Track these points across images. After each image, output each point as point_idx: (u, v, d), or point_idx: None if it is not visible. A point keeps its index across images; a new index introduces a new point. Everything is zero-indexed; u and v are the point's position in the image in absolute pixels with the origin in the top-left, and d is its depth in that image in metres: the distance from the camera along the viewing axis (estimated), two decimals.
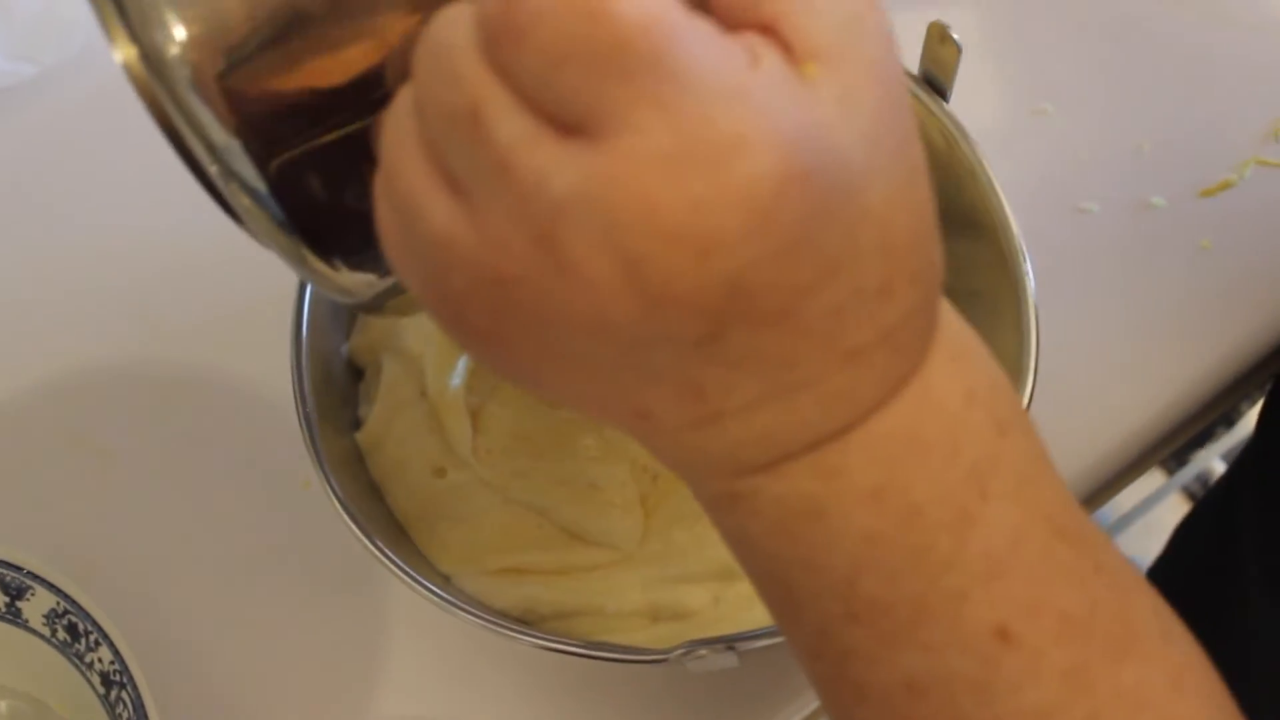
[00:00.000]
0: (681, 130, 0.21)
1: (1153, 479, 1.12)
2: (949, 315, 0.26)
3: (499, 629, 0.42)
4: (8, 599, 0.49)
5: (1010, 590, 0.25)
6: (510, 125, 0.22)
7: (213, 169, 0.27)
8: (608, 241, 0.21)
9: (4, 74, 0.60)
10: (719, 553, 0.46)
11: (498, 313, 0.23)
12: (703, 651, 0.40)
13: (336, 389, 0.50)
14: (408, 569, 0.43)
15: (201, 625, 0.52)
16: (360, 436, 0.49)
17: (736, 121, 0.21)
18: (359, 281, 0.30)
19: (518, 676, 0.50)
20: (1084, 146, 0.59)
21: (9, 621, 0.49)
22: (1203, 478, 1.17)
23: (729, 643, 0.40)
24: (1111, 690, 0.26)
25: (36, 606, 0.48)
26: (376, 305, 0.31)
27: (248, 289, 0.57)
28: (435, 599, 0.43)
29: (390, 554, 0.43)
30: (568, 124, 0.22)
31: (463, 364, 0.49)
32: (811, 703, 0.49)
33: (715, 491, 0.26)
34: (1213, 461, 1.15)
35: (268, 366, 0.52)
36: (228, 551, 0.53)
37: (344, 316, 0.51)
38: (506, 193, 0.22)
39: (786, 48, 0.22)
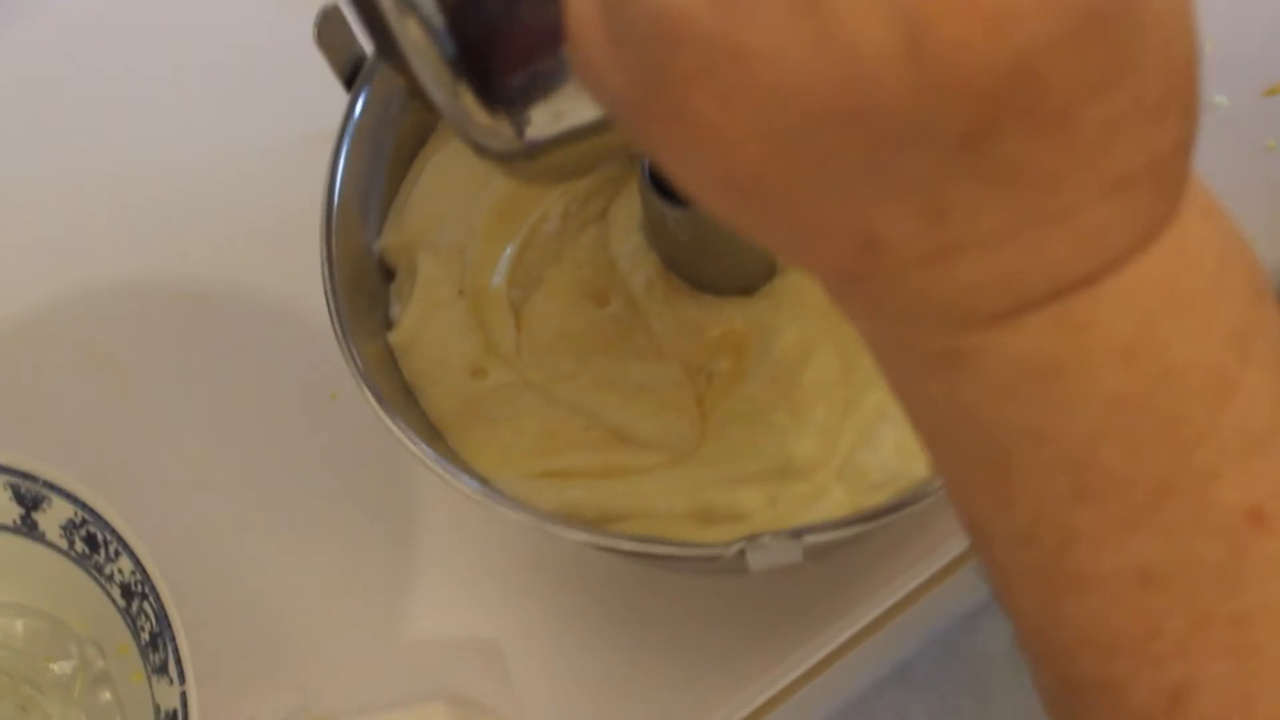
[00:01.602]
0: None
1: None
2: (1195, 172, 0.24)
3: (543, 523, 0.40)
4: (23, 511, 0.47)
5: (1267, 469, 0.23)
6: None
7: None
8: (887, 1, 0.19)
9: None
10: (776, 452, 0.43)
11: (729, 99, 0.20)
12: (766, 539, 0.37)
13: (365, 292, 0.47)
14: (447, 464, 0.41)
15: (225, 542, 0.50)
16: (394, 337, 0.47)
17: None
18: (511, 132, 0.28)
19: (560, 586, 0.48)
20: None
21: (25, 535, 0.47)
22: None
23: (796, 532, 0.38)
24: None
25: (54, 517, 0.46)
26: (519, 157, 0.28)
27: (270, 200, 0.55)
28: (474, 494, 0.40)
29: (429, 450, 0.41)
30: None
31: (506, 259, 0.46)
32: (869, 613, 0.47)
33: (931, 349, 0.23)
34: None
35: (291, 278, 0.51)
36: (252, 466, 0.51)
37: (374, 214, 0.48)
38: None
39: None
